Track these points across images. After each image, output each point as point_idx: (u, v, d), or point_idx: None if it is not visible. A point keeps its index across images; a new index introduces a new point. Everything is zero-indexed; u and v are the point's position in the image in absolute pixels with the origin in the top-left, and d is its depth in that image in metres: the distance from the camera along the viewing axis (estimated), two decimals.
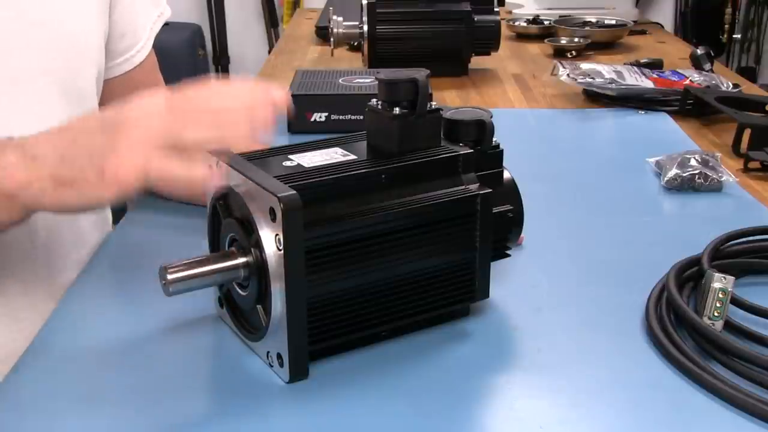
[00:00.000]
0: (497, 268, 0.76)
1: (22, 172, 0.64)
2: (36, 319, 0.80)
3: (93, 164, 0.62)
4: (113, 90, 0.98)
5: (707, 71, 1.61)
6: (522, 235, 0.80)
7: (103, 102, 0.97)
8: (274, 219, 0.62)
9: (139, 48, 1.00)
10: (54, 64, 0.84)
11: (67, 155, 0.63)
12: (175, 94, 0.65)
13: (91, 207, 0.64)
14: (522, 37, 2.06)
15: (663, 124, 1.36)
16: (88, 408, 0.65)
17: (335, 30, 1.66)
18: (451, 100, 1.52)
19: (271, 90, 0.67)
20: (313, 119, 1.29)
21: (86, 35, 0.89)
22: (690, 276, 0.80)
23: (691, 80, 1.51)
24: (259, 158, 0.69)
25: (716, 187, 1.06)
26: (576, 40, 1.90)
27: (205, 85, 0.66)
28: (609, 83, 1.48)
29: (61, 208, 0.65)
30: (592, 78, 1.49)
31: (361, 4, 1.63)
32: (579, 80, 1.49)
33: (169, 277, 0.65)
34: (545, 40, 1.93)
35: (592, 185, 1.11)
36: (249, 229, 0.65)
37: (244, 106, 0.65)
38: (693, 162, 1.07)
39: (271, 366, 0.68)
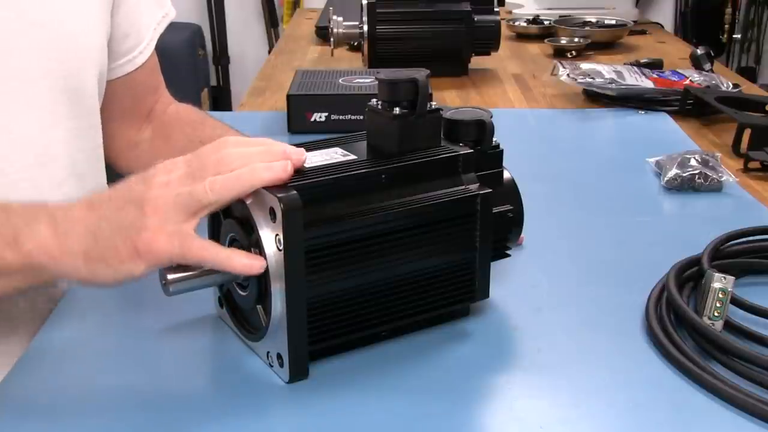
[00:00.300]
0: (497, 268, 0.76)
1: (54, 247, 0.65)
2: (35, 320, 0.80)
3: (125, 241, 0.63)
4: (115, 90, 0.98)
5: (707, 71, 1.61)
6: (522, 235, 0.80)
7: (105, 103, 0.96)
8: (274, 219, 0.62)
9: (142, 49, 0.99)
10: (54, 65, 0.84)
11: (99, 233, 0.64)
12: (192, 156, 0.66)
13: (123, 281, 0.65)
14: (522, 37, 2.06)
15: (663, 124, 1.36)
16: (88, 408, 0.65)
17: (335, 30, 1.66)
18: (451, 100, 1.52)
19: (286, 147, 0.66)
20: (313, 119, 1.29)
21: (87, 35, 0.89)
22: (690, 276, 0.80)
23: (691, 80, 1.51)
24: None
25: (716, 187, 1.06)
26: (576, 40, 1.90)
27: (221, 143, 0.66)
28: (609, 83, 1.48)
29: (93, 282, 0.66)
30: (592, 78, 1.49)
31: (361, 4, 1.63)
32: (579, 80, 1.49)
33: (169, 277, 0.65)
34: (545, 40, 1.93)
35: (592, 185, 1.11)
36: (249, 229, 0.65)
37: (260, 154, 0.65)
38: (693, 162, 1.07)
39: (271, 366, 0.68)
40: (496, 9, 1.70)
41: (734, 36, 3.27)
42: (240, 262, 0.64)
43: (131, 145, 1.05)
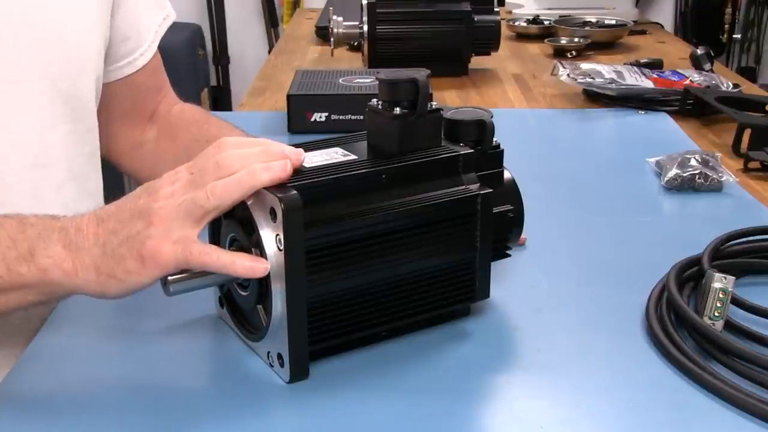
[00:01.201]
0: (497, 268, 0.76)
1: (67, 262, 0.65)
2: (34, 320, 0.80)
3: (130, 251, 0.64)
4: (116, 92, 0.98)
5: (707, 71, 1.61)
6: (524, 235, 0.80)
7: (106, 104, 0.96)
8: (274, 219, 0.62)
9: (143, 51, 0.99)
10: (52, 67, 0.84)
11: (107, 246, 0.65)
12: (193, 162, 0.66)
13: (132, 292, 0.66)
14: (522, 37, 2.06)
15: (663, 124, 1.36)
16: (88, 408, 0.65)
17: (335, 30, 1.66)
18: (451, 100, 1.52)
19: (285, 147, 0.67)
20: (313, 119, 1.29)
21: (86, 38, 0.88)
22: (690, 276, 0.80)
23: (691, 80, 1.51)
24: None
25: (716, 187, 1.06)
26: (576, 40, 1.90)
27: (220, 145, 0.66)
28: (609, 83, 1.48)
29: (104, 295, 0.67)
30: (592, 78, 1.49)
31: (361, 4, 1.63)
32: (579, 80, 1.49)
33: (169, 277, 0.65)
34: (545, 40, 1.93)
35: (592, 185, 1.11)
36: (249, 229, 0.65)
37: (259, 155, 0.65)
38: (693, 162, 1.07)
39: (272, 366, 0.68)
40: (496, 9, 1.70)
41: (734, 36, 3.27)
42: (243, 265, 0.64)
43: (135, 145, 1.05)
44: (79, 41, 0.87)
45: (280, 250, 0.62)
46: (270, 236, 0.63)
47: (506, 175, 0.76)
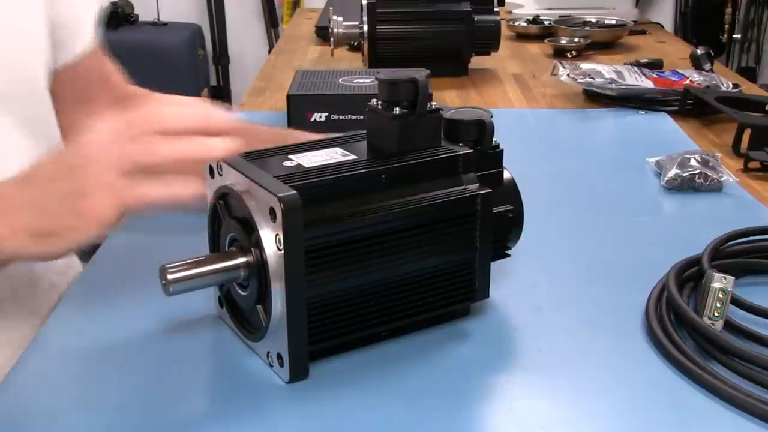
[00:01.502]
0: (497, 268, 0.76)
1: None
2: (34, 321, 0.80)
3: (68, 210, 0.62)
4: (63, 80, 0.95)
5: (707, 71, 1.61)
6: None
7: (58, 93, 0.95)
8: (274, 219, 0.62)
9: (84, 38, 0.97)
10: (2, 56, 0.83)
11: (40, 206, 0.63)
12: (122, 118, 0.64)
13: (74, 249, 0.64)
14: (522, 37, 2.06)
15: (663, 124, 1.36)
16: (88, 408, 0.65)
17: (335, 30, 1.66)
18: (451, 100, 1.52)
19: (218, 110, 0.65)
20: (313, 119, 1.29)
21: (35, 27, 0.86)
22: (690, 276, 0.80)
23: (691, 80, 1.51)
24: (259, 158, 0.69)
25: (716, 187, 1.06)
26: (576, 40, 1.90)
27: (152, 104, 0.65)
28: (609, 83, 1.48)
29: (43, 257, 0.65)
30: (592, 78, 1.49)
31: (361, 4, 1.63)
32: (579, 80, 1.49)
33: (169, 277, 0.65)
34: (545, 40, 1.93)
35: (592, 185, 1.11)
36: (249, 229, 0.65)
37: (195, 124, 0.63)
38: (693, 162, 1.07)
39: (271, 366, 0.68)
40: (496, 9, 1.70)
41: (734, 36, 3.28)
42: (185, 190, 0.63)
43: None
44: (27, 29, 0.85)
45: (280, 250, 0.62)
46: (269, 236, 0.63)
47: (506, 175, 0.76)
